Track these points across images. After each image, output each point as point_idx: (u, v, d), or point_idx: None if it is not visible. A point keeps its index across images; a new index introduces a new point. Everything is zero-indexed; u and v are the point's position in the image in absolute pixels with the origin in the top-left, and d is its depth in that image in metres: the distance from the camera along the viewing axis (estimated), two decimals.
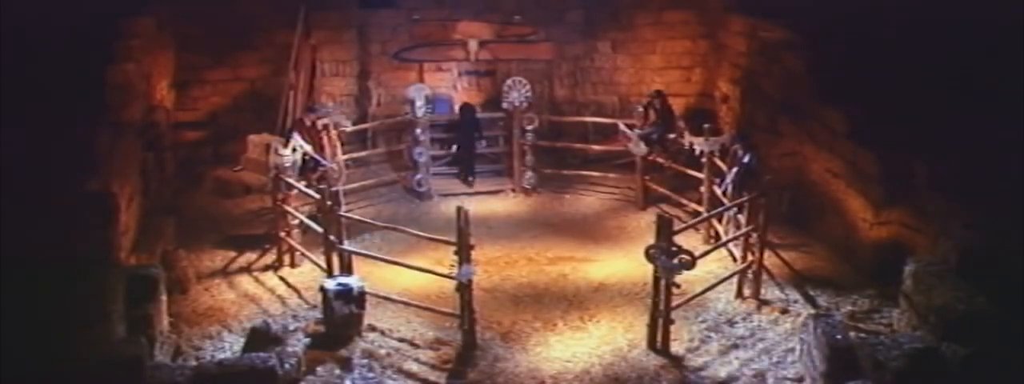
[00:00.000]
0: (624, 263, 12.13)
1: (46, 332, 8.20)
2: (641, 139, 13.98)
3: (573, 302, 11.22)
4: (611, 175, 15.22)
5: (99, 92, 11.40)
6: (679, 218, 12.24)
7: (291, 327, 10.39)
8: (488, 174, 15.47)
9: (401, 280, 11.31)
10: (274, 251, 12.24)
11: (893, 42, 12.76)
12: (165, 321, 10.09)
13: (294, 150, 12.40)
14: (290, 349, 9.47)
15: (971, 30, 12.45)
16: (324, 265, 10.92)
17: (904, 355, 8.35)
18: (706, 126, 13.18)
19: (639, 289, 11.24)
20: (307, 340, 10.12)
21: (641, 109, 14.41)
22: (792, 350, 9.83)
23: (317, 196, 11.22)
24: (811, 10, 13.73)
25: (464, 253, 9.85)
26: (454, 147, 15.16)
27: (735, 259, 11.65)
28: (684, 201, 13.80)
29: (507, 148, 15.21)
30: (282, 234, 12.10)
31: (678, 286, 9.95)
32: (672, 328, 10.00)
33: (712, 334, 10.38)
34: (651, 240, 9.89)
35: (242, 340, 9.81)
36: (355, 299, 10.15)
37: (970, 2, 12.75)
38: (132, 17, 13.14)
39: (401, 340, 10.29)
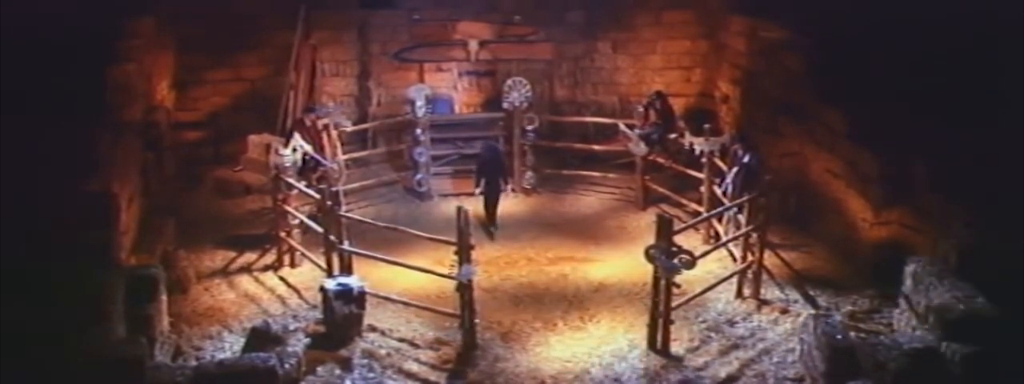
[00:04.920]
0: (624, 263, 12.13)
1: (46, 332, 8.19)
2: (641, 139, 13.99)
3: (573, 302, 11.22)
4: (611, 175, 15.23)
5: (99, 92, 11.41)
6: (679, 218, 12.23)
7: (291, 327, 10.40)
8: None
9: (401, 280, 11.31)
10: (274, 251, 12.24)
11: (893, 42, 12.75)
12: (165, 321, 10.09)
13: (294, 150, 12.40)
14: (290, 349, 9.48)
15: (971, 30, 12.45)
16: (324, 265, 10.92)
17: (904, 355, 8.36)
18: (706, 126, 13.19)
19: (639, 289, 11.24)
20: (307, 340, 10.12)
21: (641, 109, 14.41)
22: (792, 350, 9.84)
23: (317, 196, 11.23)
24: (811, 10, 13.73)
25: (464, 253, 9.85)
26: (479, 182, 13.64)
27: (735, 259, 11.65)
28: (684, 201, 13.80)
29: (507, 148, 15.19)
30: (282, 234, 12.10)
31: (678, 286, 9.96)
32: (672, 328, 10.01)
33: (712, 334, 10.39)
34: (651, 240, 9.90)
35: (242, 340, 9.83)
36: (355, 299, 10.16)
37: (970, 3, 12.75)
38: (132, 17, 13.15)
39: (401, 340, 10.29)
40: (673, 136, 13.85)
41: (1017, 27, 12.26)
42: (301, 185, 12.14)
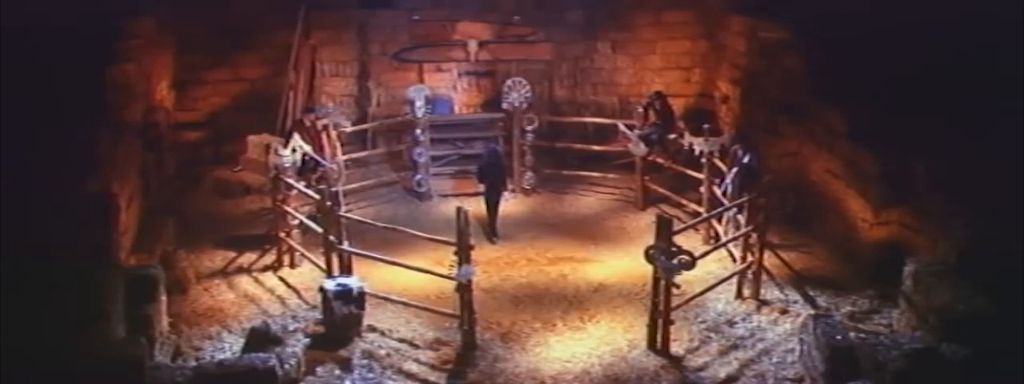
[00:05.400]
0: (624, 263, 12.13)
1: (46, 332, 8.20)
2: (641, 139, 13.98)
3: (573, 302, 11.22)
4: (611, 175, 15.23)
5: (99, 92, 11.40)
6: (679, 218, 12.23)
7: (291, 327, 10.40)
8: None
9: (401, 280, 11.30)
10: (274, 251, 12.24)
11: (893, 42, 12.75)
12: (165, 321, 10.09)
13: (294, 150, 12.40)
14: (290, 349, 9.48)
15: (971, 30, 12.44)
16: (324, 265, 10.92)
17: (904, 355, 8.36)
18: (706, 126, 13.18)
19: (639, 289, 11.24)
20: (307, 340, 10.11)
21: (641, 109, 14.42)
22: (792, 350, 9.83)
23: (317, 196, 11.22)
24: (811, 10, 13.73)
25: (464, 253, 9.85)
26: (480, 184, 13.50)
27: (735, 259, 11.65)
28: (684, 201, 13.80)
29: (507, 148, 15.18)
30: (282, 234, 12.10)
31: (678, 286, 9.95)
32: (672, 328, 10.01)
33: (712, 334, 10.38)
34: (651, 240, 9.90)
35: (242, 340, 9.82)
36: (355, 299, 10.15)
37: (970, 2, 12.75)
38: (132, 17, 13.14)
39: (401, 340, 10.29)
40: (673, 136, 13.84)
41: (1017, 27, 12.25)
42: (301, 185, 12.14)
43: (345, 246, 10.95)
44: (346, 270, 10.87)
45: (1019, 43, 12.15)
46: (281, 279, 11.85)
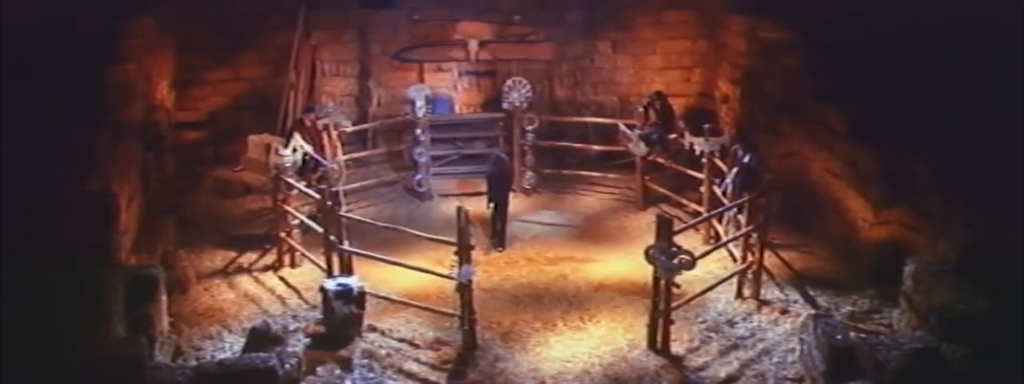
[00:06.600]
0: (624, 263, 12.13)
1: (46, 332, 8.20)
2: (641, 139, 13.98)
3: (573, 302, 11.22)
4: (611, 175, 15.23)
5: (99, 92, 11.41)
6: (679, 218, 12.23)
7: (291, 327, 10.40)
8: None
9: (401, 280, 11.31)
10: (274, 251, 12.24)
11: (893, 42, 12.75)
12: (165, 321, 10.10)
13: (294, 150, 12.40)
14: (290, 349, 9.48)
15: (971, 30, 12.44)
16: (324, 265, 10.92)
17: (904, 355, 8.36)
18: (706, 126, 13.18)
19: (639, 289, 11.23)
20: (307, 340, 10.12)
21: (641, 109, 14.41)
22: (792, 350, 9.84)
23: (317, 196, 11.23)
24: (811, 10, 13.73)
25: (464, 253, 9.85)
26: (489, 204, 13.04)
27: (735, 259, 11.65)
28: (684, 201, 13.80)
29: (508, 148, 15.18)
30: (282, 234, 12.10)
31: (678, 286, 9.96)
32: (672, 328, 10.01)
33: (712, 334, 10.39)
34: (651, 240, 9.90)
35: (242, 340, 9.83)
36: (355, 299, 10.16)
37: (970, 2, 12.75)
38: (132, 17, 13.14)
39: (401, 340, 10.29)
40: (673, 136, 13.84)
41: (1017, 27, 12.25)
42: (301, 185, 12.14)
43: (345, 246, 10.96)
44: (346, 270, 10.88)
45: (1019, 43, 12.15)
46: (281, 279, 11.85)
